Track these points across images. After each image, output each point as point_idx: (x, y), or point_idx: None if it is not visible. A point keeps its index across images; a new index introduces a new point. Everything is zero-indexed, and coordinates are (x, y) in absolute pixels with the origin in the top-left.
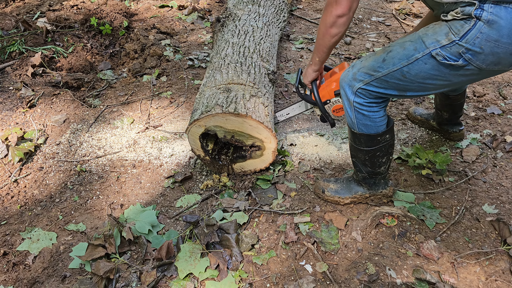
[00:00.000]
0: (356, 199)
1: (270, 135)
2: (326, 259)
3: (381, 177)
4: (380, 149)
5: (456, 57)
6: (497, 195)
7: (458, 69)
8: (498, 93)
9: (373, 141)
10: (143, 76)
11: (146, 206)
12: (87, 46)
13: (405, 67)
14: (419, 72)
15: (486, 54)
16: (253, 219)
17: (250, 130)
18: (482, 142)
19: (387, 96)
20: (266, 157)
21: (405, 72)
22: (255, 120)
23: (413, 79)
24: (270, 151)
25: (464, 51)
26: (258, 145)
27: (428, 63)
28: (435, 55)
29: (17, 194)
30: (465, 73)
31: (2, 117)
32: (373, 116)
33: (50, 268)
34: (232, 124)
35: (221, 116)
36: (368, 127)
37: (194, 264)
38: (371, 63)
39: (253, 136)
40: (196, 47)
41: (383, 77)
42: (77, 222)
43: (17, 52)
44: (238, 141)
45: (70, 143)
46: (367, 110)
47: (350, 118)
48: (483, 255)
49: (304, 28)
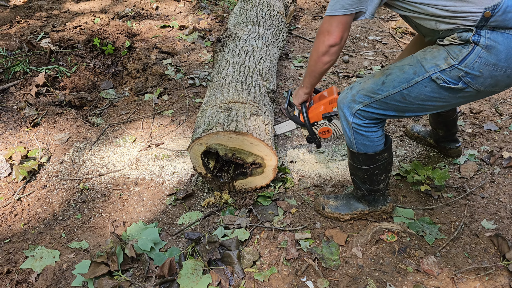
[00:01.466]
0: (356, 215)
1: (270, 153)
2: (327, 275)
3: (380, 194)
4: (379, 167)
5: (456, 81)
6: (496, 210)
7: (457, 91)
8: (495, 110)
9: (372, 160)
10: (145, 95)
11: (148, 224)
12: (90, 65)
13: (405, 89)
14: (419, 95)
15: (485, 78)
16: (254, 235)
17: (251, 148)
18: (479, 158)
19: (385, 117)
20: (267, 174)
21: (405, 94)
22: (255, 138)
23: (412, 101)
24: (271, 168)
25: (463, 74)
26: (259, 163)
27: (428, 86)
28: (435, 79)
29: (21, 212)
30: (464, 95)
31: (6, 136)
32: (371, 136)
33: (53, 286)
34: (233, 142)
35: (223, 134)
36: (367, 147)
37: (196, 281)
38: (370, 85)
39: (254, 154)
40: (197, 66)
41: (382, 99)
42: (80, 240)
43: (21, 72)
44: (239, 158)
45: (73, 162)
46: (366, 130)
47: (349, 138)
48: (482, 270)
49: (302, 47)
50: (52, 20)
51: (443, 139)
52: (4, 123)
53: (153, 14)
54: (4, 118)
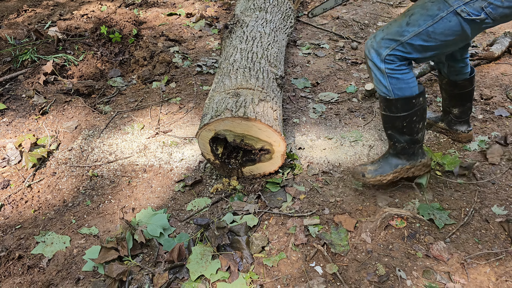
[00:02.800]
0: (397, 174)
1: (279, 139)
2: (336, 261)
3: (418, 146)
4: (416, 113)
5: (479, 12)
6: (506, 196)
7: (479, 23)
8: (506, 96)
9: (409, 105)
10: (152, 83)
11: (157, 210)
12: (97, 54)
13: (430, 27)
14: (444, 30)
15: (504, 7)
16: (263, 221)
17: (259, 134)
18: (496, 141)
19: (411, 58)
20: (275, 160)
21: (430, 32)
22: (264, 124)
23: (437, 38)
24: (279, 154)
25: (486, 5)
26: (267, 149)
27: (453, 21)
28: (460, 12)
29: (31, 199)
30: (482, 26)
31: (16, 124)
32: (405, 78)
33: (64, 271)
34: (241, 128)
35: (231, 120)
36: (403, 90)
37: (206, 266)
38: (395, 28)
39: (262, 140)
40: (204, 54)
41: (409, 41)
42: (89, 226)
43: (29, 60)
44: (248, 144)
45: (82, 149)
46: (400, 73)
47: (384, 86)
48: (493, 256)
49: (310, 34)
50: (59, 9)
51: (455, 121)
52: (13, 111)
53: (159, 1)
54: (13, 106)
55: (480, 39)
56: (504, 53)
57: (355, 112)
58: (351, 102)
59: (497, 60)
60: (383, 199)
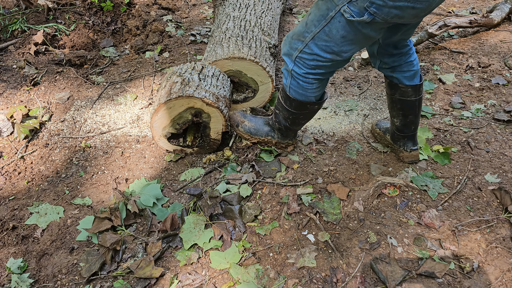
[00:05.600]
0: (262, 141)
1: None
2: (328, 229)
3: (292, 132)
4: (305, 114)
5: (362, 13)
6: (500, 164)
7: (367, 25)
8: (504, 64)
9: (301, 107)
10: (145, 53)
11: (151, 180)
12: (88, 23)
13: (326, 27)
14: (338, 31)
15: (389, 7)
16: (256, 191)
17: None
18: (486, 113)
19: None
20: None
21: (328, 32)
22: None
23: (336, 38)
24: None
25: (368, 4)
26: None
27: (342, 21)
28: (343, 12)
29: (24, 170)
30: (375, 28)
31: (7, 95)
32: (307, 86)
33: (58, 241)
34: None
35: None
36: (300, 95)
37: (199, 235)
38: (299, 28)
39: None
40: (198, 23)
41: (312, 41)
42: (83, 197)
43: (19, 30)
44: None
45: (74, 120)
46: (303, 80)
47: (286, 82)
48: (484, 223)
49: (307, 1)
50: None
51: (398, 135)
52: (4, 82)
53: None
54: (4, 77)
55: (480, 5)
56: (504, 20)
57: (350, 81)
58: (347, 71)
59: (497, 27)
60: (377, 168)
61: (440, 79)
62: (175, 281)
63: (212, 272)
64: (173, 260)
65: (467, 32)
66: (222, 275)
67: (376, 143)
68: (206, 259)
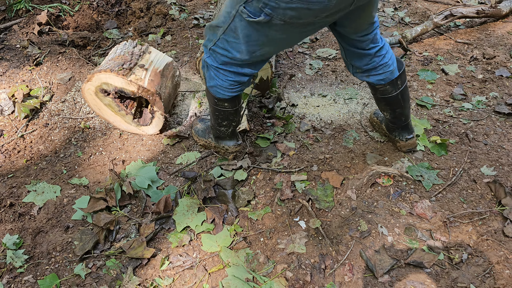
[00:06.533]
0: (206, 144)
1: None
2: (320, 216)
3: (225, 135)
4: (219, 111)
5: (258, 13)
6: (497, 157)
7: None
8: (509, 56)
9: (212, 100)
10: (148, 35)
11: (147, 163)
12: (93, 4)
13: (231, 24)
14: (242, 30)
15: (284, 9)
16: (250, 176)
17: None
18: (487, 105)
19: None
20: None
21: (234, 29)
22: None
23: (242, 37)
24: None
25: (262, 5)
26: None
27: (243, 20)
28: (241, 12)
29: (23, 149)
30: (279, 29)
31: (9, 74)
32: (217, 81)
33: (54, 219)
34: None
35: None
36: (212, 88)
37: (191, 218)
38: (216, 20)
39: None
40: (202, 6)
41: (223, 36)
42: (80, 177)
43: (24, 10)
44: None
45: (75, 101)
46: (214, 73)
47: (204, 71)
48: (476, 215)
49: None
50: None
51: (391, 126)
52: (7, 62)
53: None
54: (7, 57)
55: None
56: None
57: None
58: None
59: (505, 18)
60: (372, 157)
61: (443, 69)
62: (166, 262)
63: (203, 254)
64: (165, 242)
65: (474, 23)
66: (212, 258)
67: (374, 132)
68: (198, 242)
